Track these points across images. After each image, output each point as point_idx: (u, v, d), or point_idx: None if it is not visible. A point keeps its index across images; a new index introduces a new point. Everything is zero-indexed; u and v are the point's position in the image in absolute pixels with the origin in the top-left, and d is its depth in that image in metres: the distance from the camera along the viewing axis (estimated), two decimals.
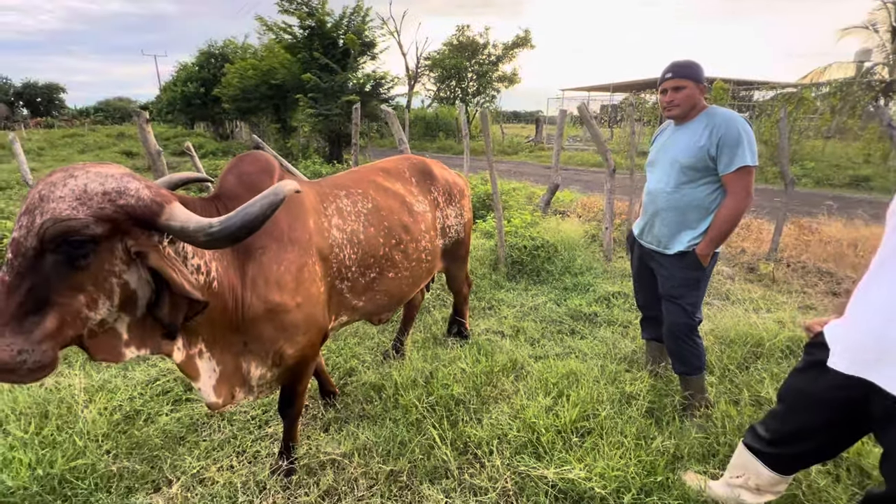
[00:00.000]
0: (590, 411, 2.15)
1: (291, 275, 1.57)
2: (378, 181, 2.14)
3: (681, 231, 2.10)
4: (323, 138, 13.60)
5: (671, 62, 2.07)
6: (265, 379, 1.70)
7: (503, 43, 21.85)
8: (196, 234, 1.11)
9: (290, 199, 1.66)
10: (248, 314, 1.49)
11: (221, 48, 21.77)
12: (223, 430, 2.20)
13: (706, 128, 1.98)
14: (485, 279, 4.10)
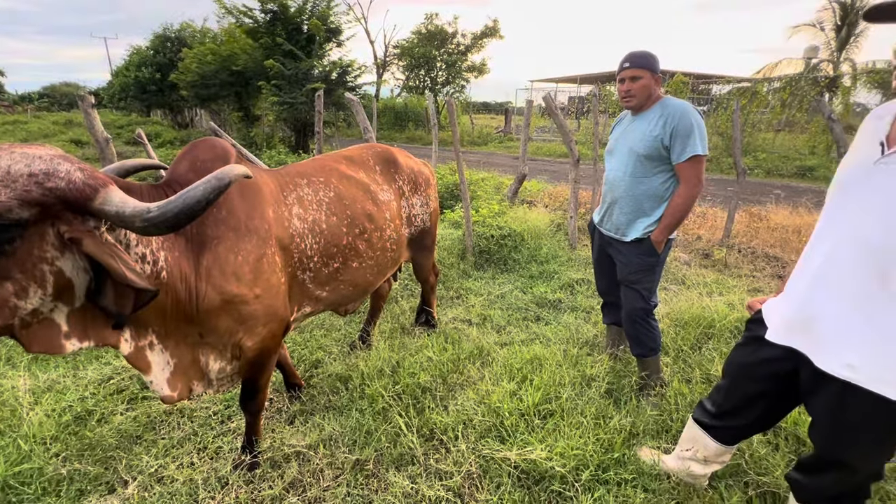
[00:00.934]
0: (552, 394, 2.22)
1: (250, 265, 1.54)
2: (341, 170, 2.11)
3: (637, 218, 2.18)
4: (288, 127, 13.21)
5: (629, 52, 2.12)
6: (225, 372, 1.66)
7: (472, 33, 21.79)
8: (132, 220, 1.05)
9: (247, 187, 1.62)
10: (203, 306, 1.44)
11: (178, 31, 20.68)
12: (183, 428, 2.14)
13: (661, 118, 2.04)
14: (453, 268, 4.13)
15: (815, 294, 1.16)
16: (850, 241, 1.08)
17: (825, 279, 1.14)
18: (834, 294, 1.12)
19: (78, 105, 2.84)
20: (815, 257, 1.18)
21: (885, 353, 1.05)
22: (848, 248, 1.09)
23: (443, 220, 5.19)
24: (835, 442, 1.22)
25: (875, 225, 1.04)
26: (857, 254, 1.07)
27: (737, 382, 1.48)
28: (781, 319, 1.27)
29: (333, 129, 14.40)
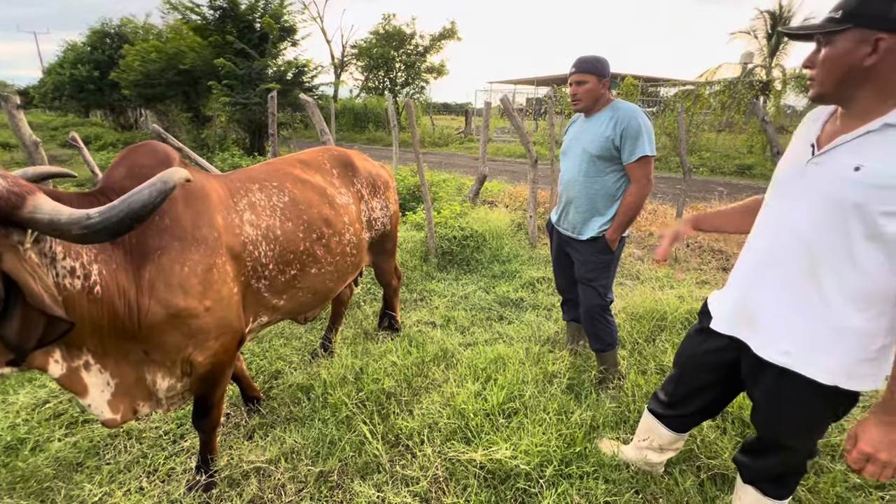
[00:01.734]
0: (516, 392, 2.25)
1: (198, 276, 1.46)
2: (295, 173, 2.05)
3: (592, 217, 2.24)
4: (242, 129, 12.71)
5: (578, 58, 2.19)
6: (175, 390, 1.57)
7: (430, 34, 21.83)
8: (68, 228, 0.98)
9: (193, 194, 1.54)
10: (146, 321, 1.36)
11: (118, 27, 19.44)
12: (130, 450, 2.01)
13: (611, 119, 2.11)
14: (416, 270, 4.11)
15: (754, 286, 1.24)
16: (785, 236, 1.15)
17: (763, 272, 1.21)
18: (770, 286, 1.19)
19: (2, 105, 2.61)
20: (754, 252, 1.26)
21: (815, 340, 1.12)
22: (783, 242, 1.16)
23: (405, 222, 5.16)
24: (774, 424, 1.30)
25: (806, 221, 1.10)
26: (790, 248, 1.14)
27: (687, 372, 1.55)
28: (725, 311, 1.34)
29: (291, 131, 14.01)
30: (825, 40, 1.03)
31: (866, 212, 0.99)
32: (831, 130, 1.11)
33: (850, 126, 1.05)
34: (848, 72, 1.00)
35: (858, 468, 1.06)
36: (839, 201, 1.03)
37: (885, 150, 0.98)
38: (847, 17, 0.98)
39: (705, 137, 14.21)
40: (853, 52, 0.98)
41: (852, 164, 1.02)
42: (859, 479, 1.85)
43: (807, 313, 1.12)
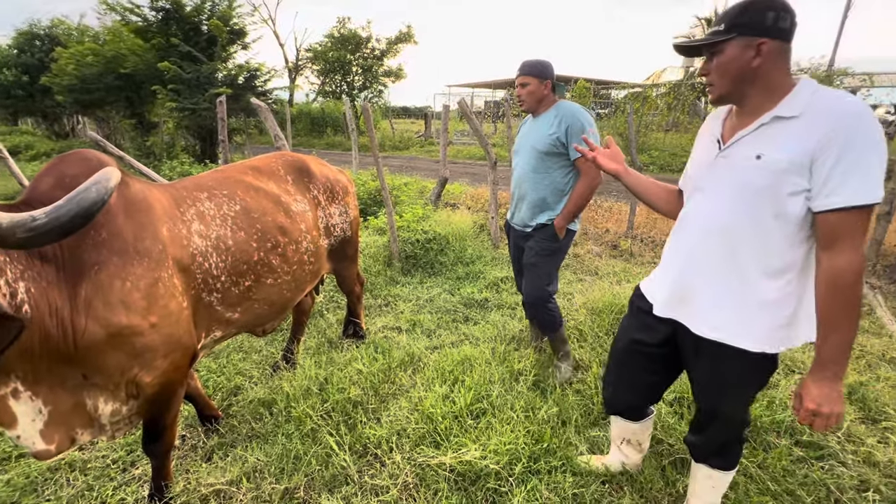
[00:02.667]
0: (483, 393, 2.26)
1: (141, 291, 1.37)
2: (248, 181, 1.97)
3: (542, 211, 2.35)
4: (191, 135, 12.14)
5: (522, 61, 2.30)
6: (120, 415, 1.47)
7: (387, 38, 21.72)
8: (11, 231, 0.93)
9: (134, 205, 1.45)
10: (83, 342, 1.26)
11: (49, 29, 18.13)
12: (74, 484, 1.86)
13: (556, 118, 2.23)
14: (379, 276, 4.06)
15: (685, 271, 1.34)
16: (706, 224, 1.27)
17: (691, 258, 1.32)
18: (699, 270, 1.30)
19: None
20: (682, 241, 1.37)
21: (741, 314, 1.24)
22: (705, 230, 1.28)
23: (367, 226, 5.09)
24: (713, 396, 1.39)
25: (721, 208, 1.23)
26: (712, 234, 1.26)
27: (625, 361, 1.59)
28: (662, 296, 1.43)
29: (245, 137, 13.52)
30: (716, 50, 1.17)
31: (771, 194, 1.13)
32: (731, 126, 1.25)
33: (746, 121, 1.19)
34: (739, 74, 1.15)
35: (809, 423, 1.15)
36: (747, 187, 1.16)
37: (778, 139, 1.12)
38: (731, 28, 1.12)
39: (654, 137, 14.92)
40: (741, 57, 1.13)
41: (753, 153, 1.15)
42: (802, 452, 1.98)
43: (732, 291, 1.24)
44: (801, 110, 1.09)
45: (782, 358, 2.70)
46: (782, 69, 1.13)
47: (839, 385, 1.11)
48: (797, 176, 1.09)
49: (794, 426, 2.11)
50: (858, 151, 1.02)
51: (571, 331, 3.01)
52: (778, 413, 2.17)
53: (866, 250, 1.00)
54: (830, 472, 1.88)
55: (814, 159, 1.06)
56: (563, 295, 3.70)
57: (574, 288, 3.85)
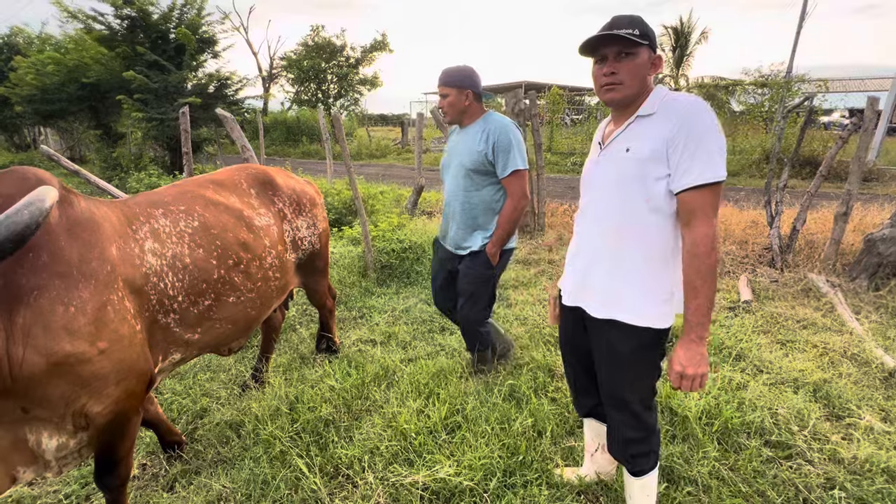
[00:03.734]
0: (458, 406, 2.23)
1: (88, 316, 1.29)
2: (207, 196, 1.90)
3: (474, 231, 2.25)
4: (160, 146, 11.82)
5: (443, 69, 2.17)
6: (68, 448, 1.38)
7: (361, 46, 21.68)
8: None
9: (79, 224, 1.37)
10: (21, 374, 1.18)
11: (7, 37, 17.45)
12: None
13: (483, 132, 2.13)
14: (354, 287, 3.99)
15: (584, 261, 1.49)
16: (597, 217, 1.43)
17: (588, 249, 1.48)
18: (594, 258, 1.45)
19: None
20: (580, 235, 1.54)
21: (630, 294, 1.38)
22: (596, 222, 1.44)
23: (341, 237, 5.02)
24: (612, 378, 1.47)
25: (606, 202, 1.39)
26: (602, 225, 1.42)
27: (568, 356, 1.69)
28: (567, 287, 1.58)
29: (216, 147, 13.24)
30: (632, 52, 1.29)
31: (641, 181, 1.29)
32: (609, 131, 1.44)
33: (620, 124, 1.39)
34: (643, 79, 1.31)
35: (678, 386, 1.28)
36: (621, 177, 1.33)
37: (641, 134, 1.30)
38: (643, 37, 1.27)
39: None
40: (646, 64, 1.30)
41: (624, 147, 1.34)
42: (771, 452, 2.02)
43: (618, 272, 1.39)
44: (657, 109, 1.29)
45: (752, 359, 2.76)
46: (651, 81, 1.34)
47: (703, 348, 1.24)
48: (658, 163, 1.26)
49: (764, 426, 2.15)
50: (699, 139, 1.20)
51: (547, 338, 3.01)
52: (748, 414, 2.20)
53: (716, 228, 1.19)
54: (798, 472, 1.91)
55: (668, 147, 1.24)
56: (539, 302, 3.71)
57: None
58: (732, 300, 3.71)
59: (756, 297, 3.75)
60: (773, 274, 4.18)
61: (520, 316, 3.43)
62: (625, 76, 1.30)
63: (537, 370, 2.60)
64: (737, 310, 3.53)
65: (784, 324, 3.28)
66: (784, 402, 2.33)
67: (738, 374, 2.58)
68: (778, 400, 2.36)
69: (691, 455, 1.96)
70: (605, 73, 1.32)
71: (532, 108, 5.39)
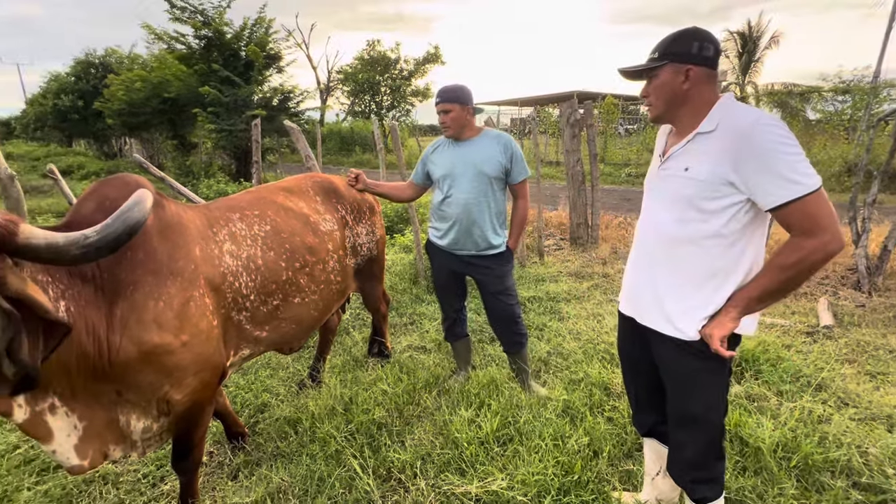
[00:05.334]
0: (510, 418, 2.20)
1: (174, 311, 1.41)
2: (278, 201, 2.02)
3: (494, 233, 2.39)
4: (228, 155, 12.69)
5: (441, 88, 2.35)
6: (151, 431, 1.50)
7: (415, 59, 22.25)
8: (67, 248, 1.00)
9: (169, 226, 1.50)
10: (117, 359, 1.30)
11: (102, 57, 19.51)
12: (106, 497, 1.90)
13: (499, 144, 2.33)
14: (405, 294, 4.06)
15: (638, 270, 1.49)
16: (652, 228, 1.43)
17: (642, 258, 1.47)
18: (647, 268, 1.44)
19: None
20: (636, 244, 1.52)
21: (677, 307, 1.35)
22: (651, 233, 1.43)
23: (393, 244, 5.13)
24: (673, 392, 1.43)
25: (662, 215, 1.37)
26: (657, 237, 1.40)
27: (627, 368, 1.66)
28: (623, 295, 1.58)
29: (277, 156, 14.01)
30: (653, 74, 1.32)
31: (698, 202, 1.27)
32: (670, 144, 1.41)
33: (679, 138, 1.36)
34: (672, 96, 1.30)
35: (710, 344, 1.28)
36: (679, 196, 1.31)
37: (699, 153, 1.27)
38: (663, 56, 1.29)
39: None
40: (673, 81, 1.29)
41: (683, 166, 1.31)
42: (861, 495, 1.82)
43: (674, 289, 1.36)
44: (716, 125, 1.24)
45: (835, 390, 2.52)
46: (708, 91, 1.29)
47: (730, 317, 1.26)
48: (718, 186, 1.22)
49: (852, 466, 1.94)
50: (767, 156, 1.14)
51: (602, 354, 2.91)
52: (832, 451, 2.00)
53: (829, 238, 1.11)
54: None
55: (734, 169, 1.19)
56: (594, 316, 3.59)
57: (604, 309, 3.73)
58: (810, 324, 3.41)
59: (839, 322, 3.43)
60: (859, 298, 3.80)
61: (573, 330, 3.34)
62: (652, 97, 1.34)
63: (592, 387, 2.50)
64: (816, 335, 3.24)
65: (874, 353, 2.96)
66: (876, 440, 2.10)
67: (820, 406, 2.36)
68: (868, 437, 2.12)
69: (765, 490, 1.81)
70: (643, 94, 1.37)
71: (587, 118, 5.28)
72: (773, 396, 2.45)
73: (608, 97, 14.99)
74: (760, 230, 1.29)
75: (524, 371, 2.55)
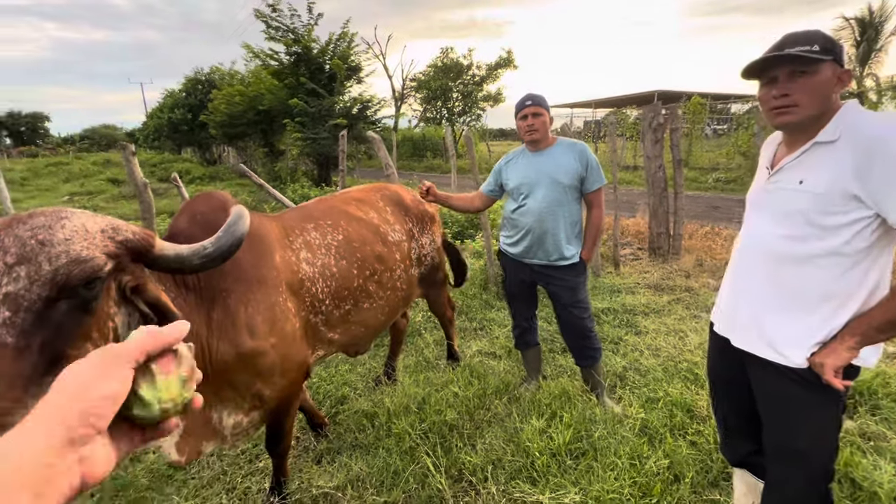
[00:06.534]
0: (583, 432, 2.15)
1: (262, 316, 1.51)
2: (350, 211, 2.11)
3: (568, 243, 2.36)
4: (311, 161, 13.66)
5: (527, 93, 2.34)
6: (241, 427, 1.61)
7: (487, 64, 22.35)
8: (191, 258, 1.11)
9: (253, 236, 1.59)
10: (215, 360, 1.42)
11: (208, 75, 21.95)
12: (212, 467, 2.15)
13: (573, 153, 2.31)
14: (475, 299, 4.11)
15: (737, 289, 1.40)
16: (756, 244, 1.33)
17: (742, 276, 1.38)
18: (749, 287, 1.35)
19: (116, 146, 3.02)
20: (736, 260, 1.44)
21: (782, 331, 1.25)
22: (755, 250, 1.34)
23: (463, 250, 5.21)
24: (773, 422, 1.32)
25: (769, 230, 1.28)
26: (761, 254, 1.31)
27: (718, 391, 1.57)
28: (718, 314, 1.50)
29: (355, 162, 14.83)
30: (810, 70, 1.15)
31: (815, 219, 1.17)
32: (780, 155, 1.32)
33: (793, 149, 1.25)
34: (825, 99, 1.16)
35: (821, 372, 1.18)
36: (791, 210, 1.22)
37: (817, 163, 1.17)
38: (825, 52, 1.13)
39: None
40: (830, 81, 1.16)
41: (797, 178, 1.21)
42: None
43: (775, 309, 1.27)
44: (839, 134, 1.13)
45: None
46: (838, 98, 1.19)
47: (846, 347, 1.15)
48: (839, 201, 1.12)
49: None
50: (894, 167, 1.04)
51: (685, 373, 2.74)
52: None
53: None
54: None
55: (860, 181, 1.08)
56: (675, 332, 3.38)
57: (687, 325, 3.50)
58: None
59: None
60: None
61: (651, 345, 3.18)
62: (801, 97, 1.16)
63: (674, 407, 2.37)
64: None
65: None
66: None
67: None
68: None
69: None
70: (776, 94, 1.20)
71: (672, 121, 4.99)
72: (893, 436, 2.15)
73: (694, 97, 13.97)
74: (888, 250, 1.16)
75: (599, 385, 2.49)
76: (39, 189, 16.02)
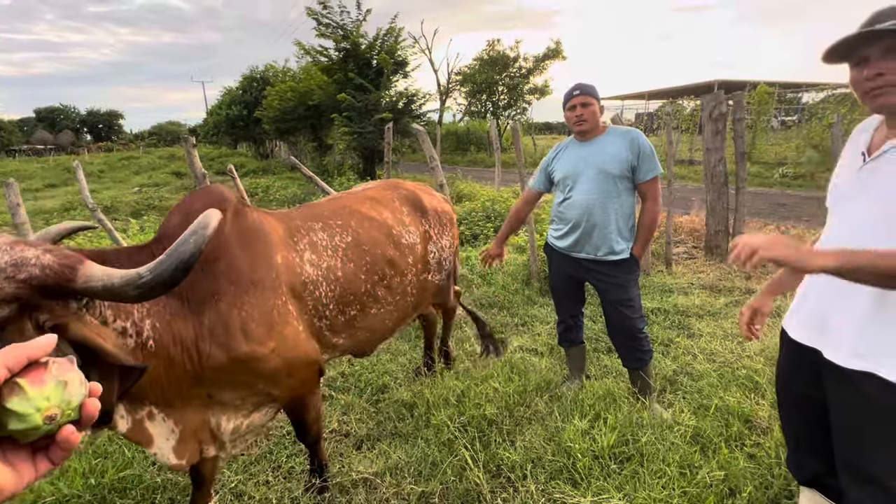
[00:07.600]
0: (629, 436, 2.06)
1: (257, 320, 1.44)
2: (362, 211, 2.02)
3: (617, 237, 2.25)
4: (357, 155, 13.98)
5: (577, 82, 2.27)
6: (239, 432, 1.57)
7: (534, 55, 21.86)
8: (124, 289, 0.95)
9: (250, 235, 1.53)
10: (208, 365, 1.37)
11: (262, 72, 22.96)
12: (260, 445, 2.25)
13: (624, 141, 2.20)
14: (517, 294, 4.04)
15: (824, 293, 1.27)
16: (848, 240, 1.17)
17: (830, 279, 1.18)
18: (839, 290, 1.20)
19: (179, 141, 3.21)
20: None
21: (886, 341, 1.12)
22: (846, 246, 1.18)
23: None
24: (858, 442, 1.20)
25: (864, 223, 1.16)
26: None
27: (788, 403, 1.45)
28: (798, 320, 1.36)
29: (399, 155, 15.02)
30: None
31: None
32: (879, 140, 1.19)
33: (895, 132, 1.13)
34: None
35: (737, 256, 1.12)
36: (893, 201, 1.10)
37: None
38: None
39: None
40: None
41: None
42: None
43: (876, 314, 1.14)
44: None
45: None
46: None
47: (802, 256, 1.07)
48: None
49: None
50: None
51: (743, 380, 2.56)
52: None
53: None
54: None
55: None
56: (732, 337, 3.17)
57: None
58: None
59: None
60: None
61: (706, 349, 2.99)
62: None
63: (729, 416, 2.22)
64: None
65: None
66: None
67: None
68: None
69: None
70: (868, 75, 1.10)
71: (737, 112, 4.65)
72: None
73: (761, 85, 12.97)
74: None
75: (648, 388, 2.37)
76: (114, 181, 17.48)
